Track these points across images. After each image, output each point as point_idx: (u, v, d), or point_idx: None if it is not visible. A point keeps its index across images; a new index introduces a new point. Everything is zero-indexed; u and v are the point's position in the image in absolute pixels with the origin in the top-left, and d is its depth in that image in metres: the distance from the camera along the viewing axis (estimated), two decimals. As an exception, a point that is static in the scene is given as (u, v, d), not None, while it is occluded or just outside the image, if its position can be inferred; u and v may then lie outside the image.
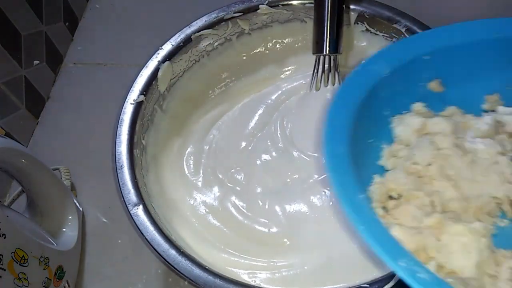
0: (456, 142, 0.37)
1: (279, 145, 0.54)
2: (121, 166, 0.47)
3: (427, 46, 0.42)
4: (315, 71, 0.54)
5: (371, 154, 0.39)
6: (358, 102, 0.38)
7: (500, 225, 0.33)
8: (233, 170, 0.53)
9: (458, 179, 0.35)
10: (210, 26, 0.55)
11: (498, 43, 0.42)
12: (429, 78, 0.42)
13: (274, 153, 0.54)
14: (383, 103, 0.41)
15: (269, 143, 0.54)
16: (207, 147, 0.55)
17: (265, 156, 0.54)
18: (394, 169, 0.37)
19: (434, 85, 0.43)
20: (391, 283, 0.39)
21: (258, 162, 0.53)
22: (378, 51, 0.43)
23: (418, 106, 0.41)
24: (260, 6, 0.55)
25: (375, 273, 0.42)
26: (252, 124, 0.56)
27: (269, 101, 0.58)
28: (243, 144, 0.55)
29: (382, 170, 0.38)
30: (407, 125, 0.39)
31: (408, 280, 0.26)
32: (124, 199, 0.45)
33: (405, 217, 0.33)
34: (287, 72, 0.60)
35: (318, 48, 0.52)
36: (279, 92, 0.58)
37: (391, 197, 0.36)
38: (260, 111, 0.57)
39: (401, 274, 0.27)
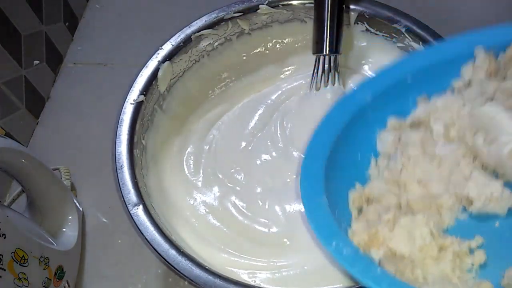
0: (425, 149, 0.41)
1: (279, 145, 0.54)
2: (121, 166, 0.47)
3: (407, 71, 0.44)
4: (315, 71, 0.54)
5: (361, 167, 0.44)
6: (342, 124, 0.43)
7: (459, 218, 0.38)
8: (233, 170, 0.53)
9: (427, 181, 0.40)
10: (210, 26, 0.55)
11: (470, 56, 0.43)
12: (415, 97, 0.45)
13: (274, 153, 0.54)
14: (373, 124, 0.45)
15: (269, 143, 0.54)
16: (207, 147, 0.55)
17: (265, 156, 0.54)
18: (374, 178, 0.42)
19: (421, 101, 0.45)
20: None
21: (258, 162, 0.53)
22: (360, 83, 0.46)
23: (391, 120, 0.44)
24: (260, 6, 0.55)
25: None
26: (252, 124, 0.56)
27: (269, 101, 0.58)
28: (243, 144, 0.55)
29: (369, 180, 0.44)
30: (383, 142, 0.44)
31: (334, 255, 0.34)
32: (124, 199, 0.45)
33: (372, 215, 0.39)
34: (287, 72, 0.60)
35: (318, 48, 0.52)
36: (279, 92, 0.58)
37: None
38: (260, 111, 0.57)
39: (330, 251, 0.34)
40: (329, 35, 0.51)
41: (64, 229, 0.50)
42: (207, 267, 0.41)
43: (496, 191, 0.36)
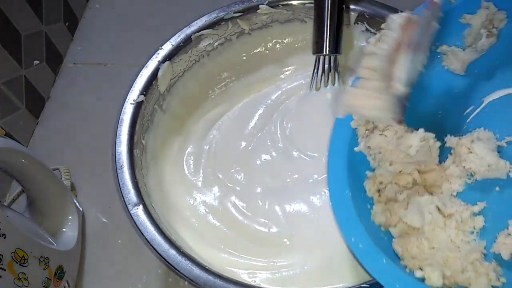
0: (398, 138, 0.43)
1: (279, 145, 0.54)
2: (121, 166, 0.47)
3: None
4: (315, 71, 0.54)
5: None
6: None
7: (467, 182, 0.43)
8: (233, 170, 0.53)
9: (425, 162, 0.44)
10: (210, 26, 0.55)
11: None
12: None
13: (274, 153, 0.54)
14: None
15: (269, 143, 0.54)
16: (207, 147, 0.55)
17: (265, 156, 0.54)
18: (379, 167, 0.45)
19: None
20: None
21: (258, 162, 0.53)
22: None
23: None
24: (260, 6, 0.55)
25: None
26: (252, 124, 0.56)
27: (269, 101, 0.58)
28: (243, 144, 0.55)
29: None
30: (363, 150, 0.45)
31: (351, 248, 0.39)
32: (124, 199, 0.45)
33: (391, 193, 0.44)
34: (287, 72, 0.60)
35: (318, 48, 0.52)
36: (279, 92, 0.58)
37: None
38: (260, 111, 0.57)
39: (349, 244, 0.39)
40: (329, 35, 0.51)
41: (64, 229, 0.50)
42: (207, 267, 0.41)
43: (493, 163, 0.40)
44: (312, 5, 0.53)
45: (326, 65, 0.53)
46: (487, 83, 0.45)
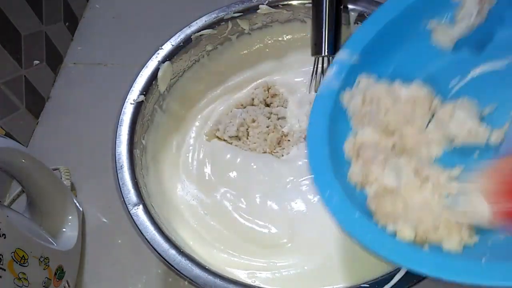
0: (393, 97, 0.43)
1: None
2: (121, 166, 0.47)
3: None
4: (314, 72, 0.54)
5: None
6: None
7: (447, 148, 0.43)
8: (232, 171, 0.53)
9: (414, 120, 0.44)
10: (210, 26, 0.55)
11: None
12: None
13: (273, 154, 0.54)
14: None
15: (269, 143, 0.54)
16: (207, 147, 0.55)
17: (264, 157, 0.54)
18: (362, 129, 0.45)
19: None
20: (391, 283, 0.39)
21: (258, 162, 0.53)
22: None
23: (363, 78, 0.46)
24: (260, 6, 0.55)
25: (375, 273, 0.42)
26: (252, 124, 0.56)
27: (269, 101, 0.57)
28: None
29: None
30: (353, 105, 0.45)
31: (324, 202, 0.39)
32: (124, 199, 0.45)
33: (369, 155, 0.43)
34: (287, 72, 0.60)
35: (316, 49, 0.52)
36: (279, 92, 0.58)
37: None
38: (260, 111, 0.57)
39: (323, 198, 0.39)
40: (328, 36, 0.51)
41: (64, 229, 0.50)
42: (207, 267, 0.41)
43: (473, 128, 0.41)
44: (312, 5, 0.53)
45: (326, 66, 0.53)
46: (473, 60, 0.44)
